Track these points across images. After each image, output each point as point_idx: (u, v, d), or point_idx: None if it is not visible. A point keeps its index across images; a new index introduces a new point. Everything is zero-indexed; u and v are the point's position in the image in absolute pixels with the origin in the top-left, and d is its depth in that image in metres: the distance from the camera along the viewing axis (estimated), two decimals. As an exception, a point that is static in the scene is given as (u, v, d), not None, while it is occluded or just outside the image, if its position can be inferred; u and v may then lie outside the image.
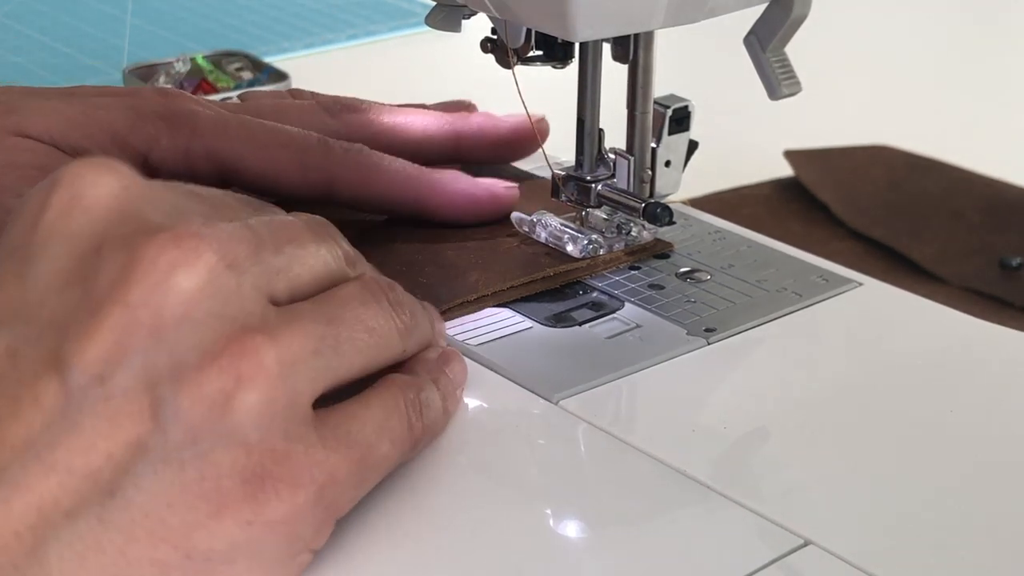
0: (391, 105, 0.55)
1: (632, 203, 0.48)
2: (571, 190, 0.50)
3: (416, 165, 0.51)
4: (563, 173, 0.50)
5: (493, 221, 0.51)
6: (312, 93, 0.57)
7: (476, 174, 0.52)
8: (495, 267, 0.48)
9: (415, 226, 0.51)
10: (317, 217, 0.38)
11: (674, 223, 0.48)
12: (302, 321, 0.33)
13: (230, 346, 0.31)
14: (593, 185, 0.49)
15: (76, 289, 0.31)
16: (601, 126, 0.50)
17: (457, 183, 0.51)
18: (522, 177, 0.56)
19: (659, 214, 0.47)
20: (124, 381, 0.30)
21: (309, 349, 0.33)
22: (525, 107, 0.49)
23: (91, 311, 0.31)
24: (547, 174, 0.55)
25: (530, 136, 0.55)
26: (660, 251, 0.50)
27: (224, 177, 0.50)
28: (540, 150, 0.54)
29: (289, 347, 0.32)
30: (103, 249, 0.32)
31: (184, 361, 0.31)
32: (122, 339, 0.31)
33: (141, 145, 0.49)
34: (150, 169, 0.49)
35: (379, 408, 0.35)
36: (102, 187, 0.33)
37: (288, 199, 0.51)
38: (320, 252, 0.36)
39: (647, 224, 0.50)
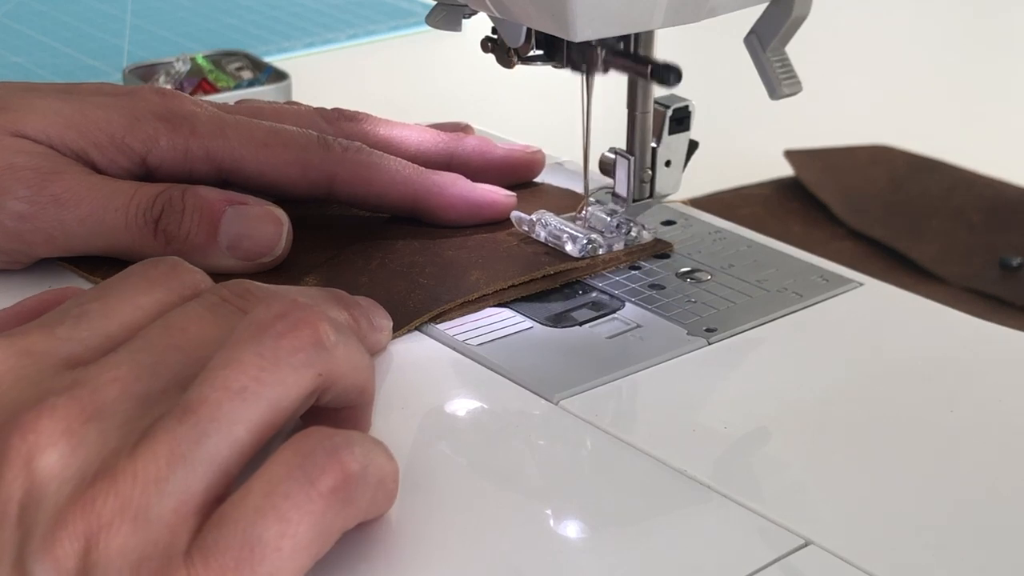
0: (388, 120, 0.55)
1: (638, 67, 0.47)
2: (575, 54, 0.49)
3: (416, 166, 0.51)
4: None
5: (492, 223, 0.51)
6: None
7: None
8: (496, 266, 0.48)
9: (415, 226, 0.51)
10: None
11: (680, 81, 0.46)
12: (147, 444, 0.31)
13: (73, 510, 0.30)
14: (598, 49, 0.48)
15: None
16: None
17: (456, 187, 0.51)
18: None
19: (666, 75, 0.46)
20: (2, 572, 0.30)
21: (161, 470, 0.30)
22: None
23: None
24: (547, 179, 0.55)
25: (523, 165, 0.55)
26: (660, 251, 0.50)
27: (223, 177, 0.50)
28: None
29: (133, 481, 0.30)
30: None
31: (40, 536, 0.30)
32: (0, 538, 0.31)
33: (139, 146, 0.49)
34: (148, 170, 0.49)
35: (258, 488, 0.31)
36: None
37: (288, 198, 0.51)
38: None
39: (646, 226, 0.50)
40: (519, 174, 0.55)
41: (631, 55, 0.47)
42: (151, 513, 0.30)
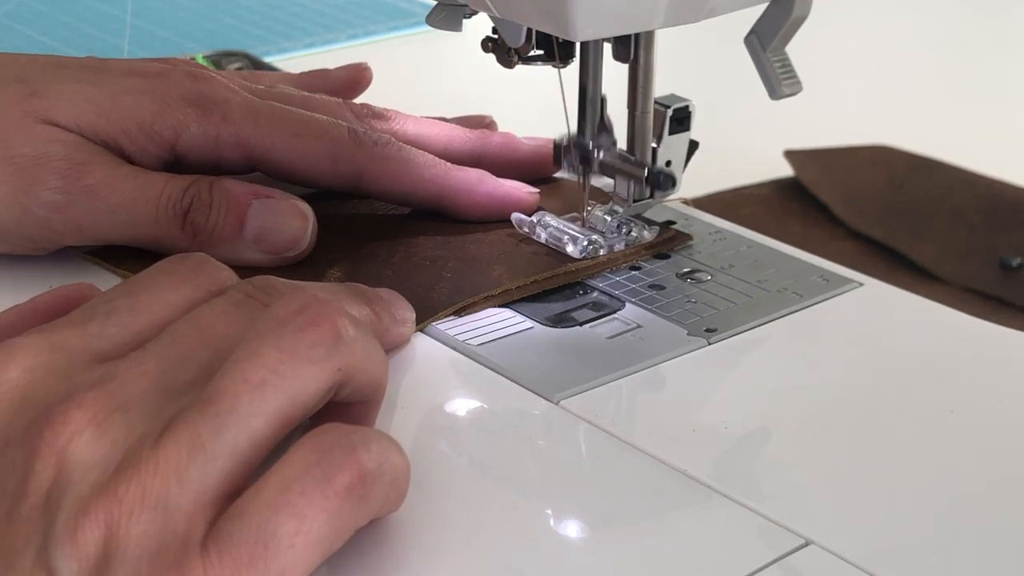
0: (416, 116, 0.56)
1: (635, 171, 0.47)
2: (573, 158, 0.49)
3: (444, 163, 0.52)
4: (564, 142, 0.50)
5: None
6: (325, 71, 0.59)
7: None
8: (518, 262, 0.48)
9: (436, 221, 0.51)
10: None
11: (675, 188, 0.47)
12: (169, 435, 0.31)
13: (96, 498, 0.30)
14: (596, 151, 0.48)
15: None
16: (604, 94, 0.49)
17: (483, 185, 0.52)
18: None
19: (662, 182, 0.46)
20: (25, 562, 0.30)
21: (182, 459, 0.30)
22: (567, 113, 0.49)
23: (7, 511, 0.31)
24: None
25: (547, 161, 0.55)
26: (681, 244, 0.51)
27: (252, 165, 0.50)
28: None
29: (155, 471, 0.30)
30: (8, 446, 0.32)
31: (63, 524, 0.30)
32: (26, 527, 0.31)
33: (168, 132, 0.49)
34: (177, 156, 0.49)
35: (273, 484, 0.31)
36: (7, 382, 0.33)
37: (315, 188, 0.51)
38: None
39: (649, 222, 0.50)
40: (543, 170, 0.56)
41: (629, 159, 0.48)
42: (171, 502, 0.30)
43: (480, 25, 0.50)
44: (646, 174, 0.47)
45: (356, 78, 0.59)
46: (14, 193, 0.46)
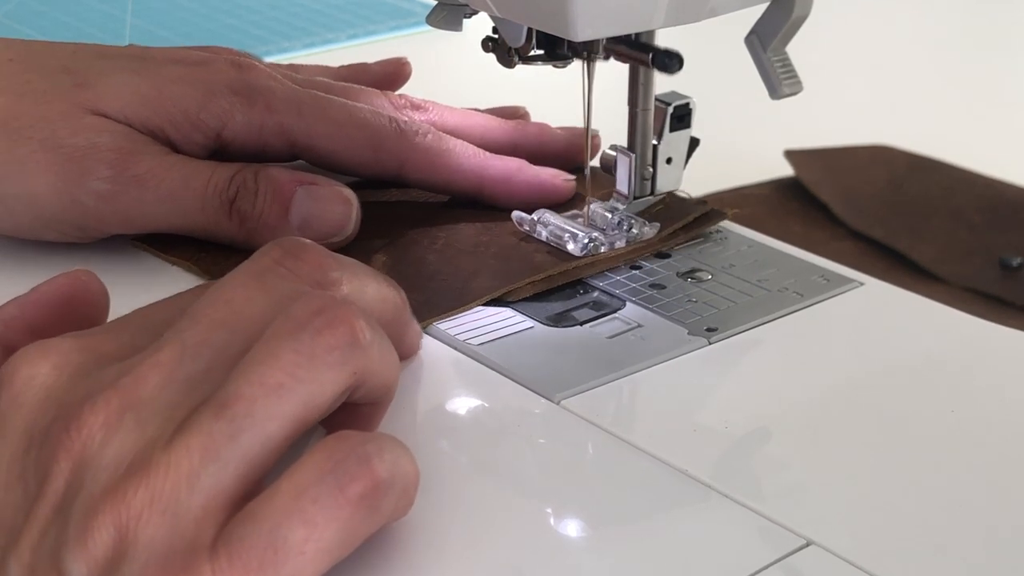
0: (453, 107, 0.56)
1: (639, 55, 0.47)
2: (577, 43, 0.49)
3: (483, 152, 0.52)
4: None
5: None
6: (364, 65, 0.59)
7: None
8: (557, 250, 0.49)
9: (474, 209, 0.52)
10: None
11: (682, 68, 0.45)
12: (182, 438, 0.31)
13: (105, 500, 0.30)
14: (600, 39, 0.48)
15: (17, 489, 0.32)
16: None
17: (522, 174, 0.52)
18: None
19: (668, 62, 0.46)
20: (41, 563, 0.30)
21: (194, 465, 0.30)
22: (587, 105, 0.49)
23: (26, 511, 0.31)
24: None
25: (580, 150, 0.56)
26: (716, 222, 0.51)
27: (295, 153, 0.51)
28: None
29: (166, 475, 0.30)
30: (32, 445, 0.32)
31: (74, 526, 0.30)
32: (43, 528, 0.31)
33: (214, 121, 0.49)
34: (223, 144, 0.50)
35: (287, 490, 0.31)
36: (36, 378, 0.33)
37: (357, 177, 0.52)
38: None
39: (648, 223, 0.50)
40: (578, 159, 0.56)
41: (632, 43, 0.47)
42: (180, 507, 0.30)
43: (480, 25, 0.50)
44: (651, 55, 0.46)
45: (395, 72, 0.60)
46: (64, 183, 0.47)
